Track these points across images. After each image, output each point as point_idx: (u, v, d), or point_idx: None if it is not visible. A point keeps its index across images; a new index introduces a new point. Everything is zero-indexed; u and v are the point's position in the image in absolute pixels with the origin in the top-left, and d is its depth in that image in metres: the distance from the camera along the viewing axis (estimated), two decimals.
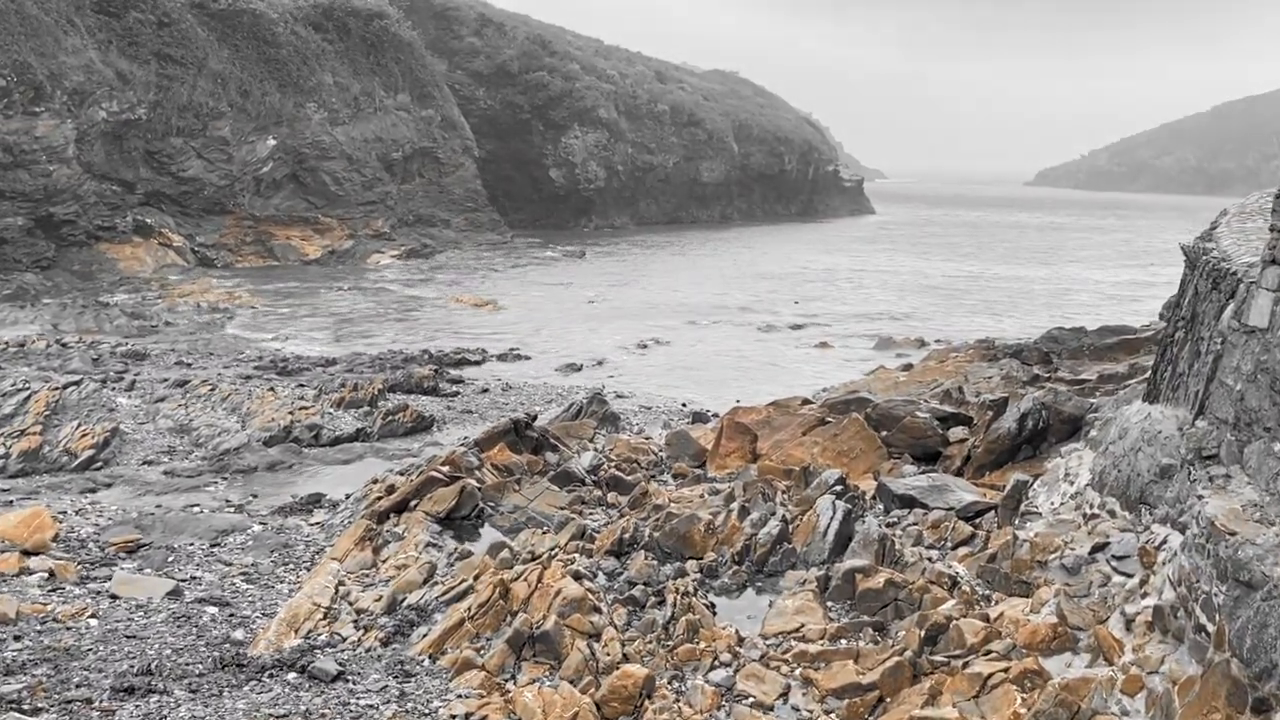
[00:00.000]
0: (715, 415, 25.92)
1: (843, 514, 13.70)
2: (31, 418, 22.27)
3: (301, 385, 30.37)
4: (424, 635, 10.88)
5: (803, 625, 11.08)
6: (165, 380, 29.32)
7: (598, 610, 11.14)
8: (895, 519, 15.00)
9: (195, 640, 11.15)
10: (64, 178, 59.31)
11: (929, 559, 13.24)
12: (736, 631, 11.20)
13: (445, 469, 16.61)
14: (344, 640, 10.99)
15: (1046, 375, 29.12)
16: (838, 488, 15.21)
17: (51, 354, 33.60)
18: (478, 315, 50.31)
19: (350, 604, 11.92)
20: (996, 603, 12.08)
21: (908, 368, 34.28)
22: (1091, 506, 12.51)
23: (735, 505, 14.43)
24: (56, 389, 25.57)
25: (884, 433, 20.05)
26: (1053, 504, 13.76)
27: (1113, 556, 10.96)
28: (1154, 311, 42.28)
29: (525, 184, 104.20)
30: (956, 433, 19.85)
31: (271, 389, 28.48)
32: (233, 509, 17.97)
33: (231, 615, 12.25)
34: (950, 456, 19.03)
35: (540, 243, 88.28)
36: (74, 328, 42.48)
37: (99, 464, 20.60)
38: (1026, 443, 18.51)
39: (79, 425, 22.37)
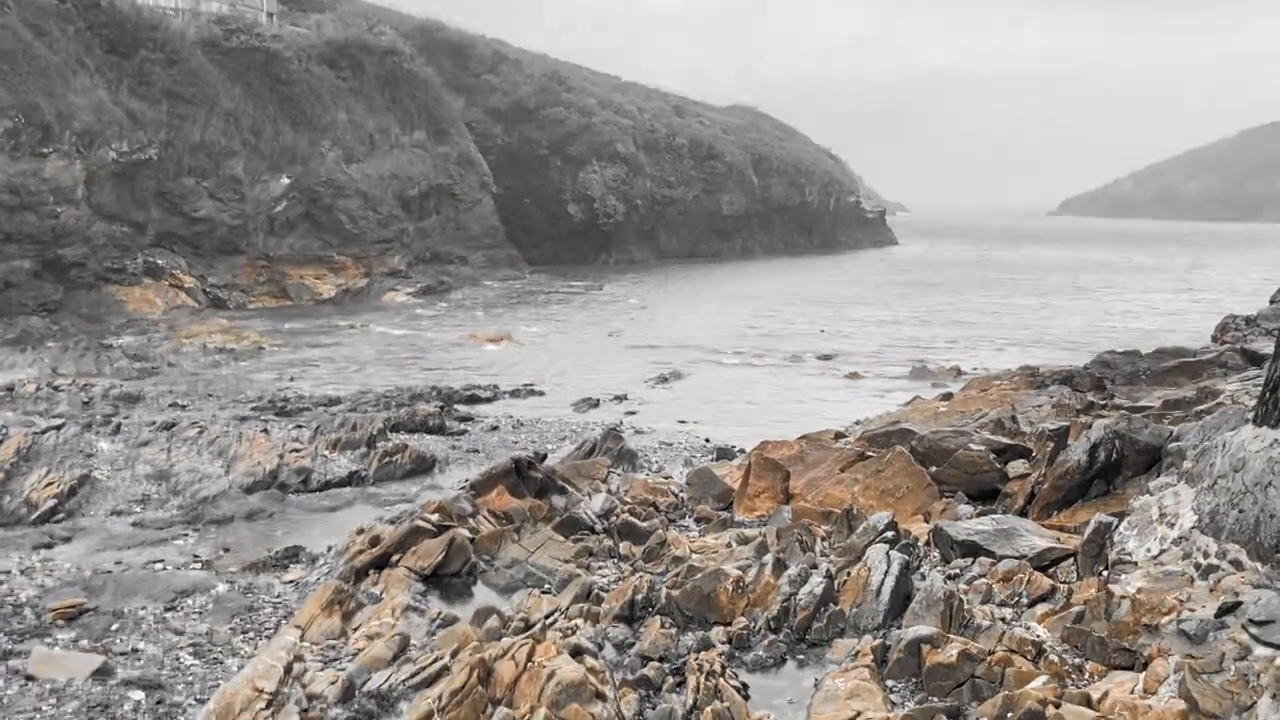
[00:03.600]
0: (742, 451, 23.74)
1: (899, 567, 11.48)
2: None
3: (300, 426, 28.48)
4: None
5: (859, 714, 8.88)
6: (153, 423, 27.47)
7: (601, 698, 8.99)
8: (957, 570, 12.78)
9: None
10: (72, 219, 58.07)
11: (1003, 620, 11.01)
12: None
13: (433, 518, 14.54)
14: None
15: (1102, 403, 26.77)
16: (889, 534, 12.99)
17: (40, 397, 31.84)
18: (492, 351, 48.40)
19: (303, 687, 9.83)
20: (1093, 677, 9.85)
21: (947, 397, 31.95)
22: (1206, 555, 10.27)
23: (769, 557, 12.23)
24: (32, 434, 23.76)
25: (933, 468, 17.84)
26: (1149, 551, 11.50)
27: (1250, 621, 8.72)
28: (1191, 334, 39.89)
29: (543, 219, 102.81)
30: (1016, 467, 17.60)
31: (265, 430, 26.56)
32: (199, 565, 15.94)
33: (160, 703, 10.17)
34: (1011, 494, 16.78)
35: (559, 278, 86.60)
36: (73, 370, 40.81)
37: (61, 515, 18.64)
38: (1098, 477, 16.25)
39: (48, 473, 20.46)
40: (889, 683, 9.64)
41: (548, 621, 11.17)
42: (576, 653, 9.76)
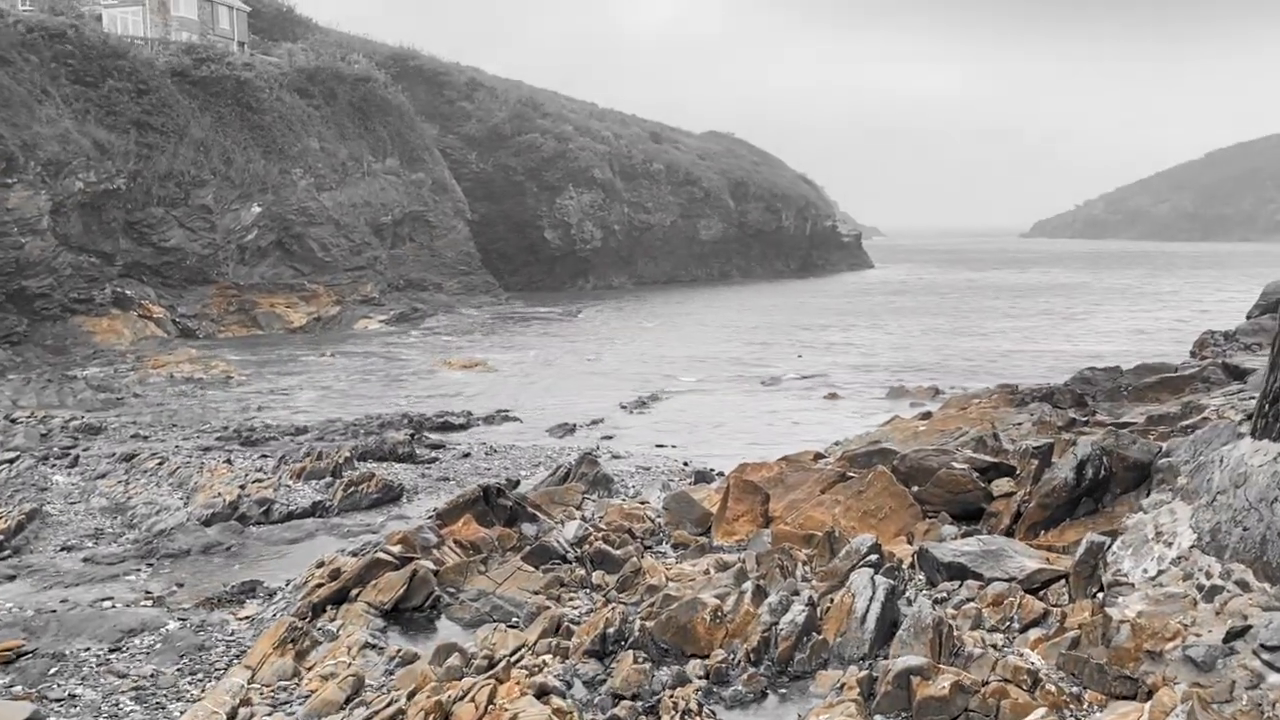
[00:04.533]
0: (721, 474, 23.12)
1: (884, 593, 10.86)
2: None
3: (265, 456, 27.67)
4: None
5: None
6: (113, 455, 26.61)
7: None
8: (944, 594, 12.17)
9: None
10: (37, 250, 57.04)
11: (994, 647, 10.41)
12: None
13: (396, 549, 13.83)
14: None
15: (1084, 419, 26.31)
16: (872, 557, 12.37)
17: None
18: (466, 377, 47.65)
19: None
20: (1093, 707, 9.25)
21: (926, 416, 31.42)
22: (1209, 576, 9.71)
23: (748, 584, 11.58)
24: None
25: (915, 488, 17.27)
26: (1146, 572, 10.94)
27: (1262, 646, 8.16)
28: (1165, 352, 39.58)
29: (520, 246, 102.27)
30: (1000, 485, 17.04)
31: (228, 461, 25.78)
32: (150, 602, 15.14)
33: None
34: (996, 514, 16.22)
35: (536, 304, 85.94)
36: (35, 403, 39.79)
37: (7, 552, 17.77)
38: (1087, 494, 15.72)
39: None
40: (877, 718, 9.00)
41: (513, 659, 10.48)
42: (542, 693, 9.08)
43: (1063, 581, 12.50)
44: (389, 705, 8.92)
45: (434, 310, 78.91)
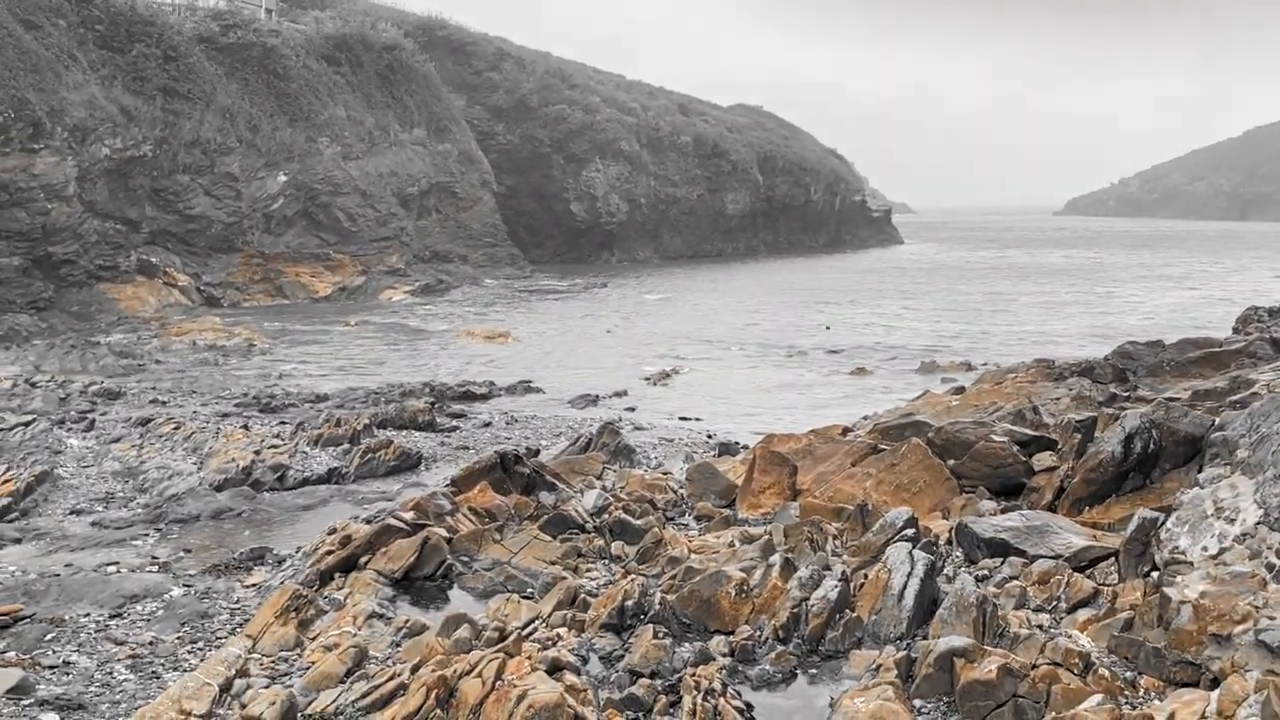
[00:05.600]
0: (745, 448, 22.43)
1: (924, 569, 10.16)
2: None
3: (283, 422, 27.23)
4: None
5: None
6: (129, 420, 26.25)
7: None
8: (985, 571, 11.46)
9: None
10: (63, 216, 56.91)
11: (1041, 628, 9.70)
12: None
13: (408, 515, 13.25)
14: None
15: (1125, 394, 25.45)
16: (908, 532, 11.67)
17: (15, 394, 30.60)
18: (489, 348, 47.12)
19: (241, 707, 8.54)
20: (1151, 693, 8.54)
21: (959, 391, 30.58)
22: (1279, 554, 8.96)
23: (776, 558, 10.90)
24: None
25: (951, 461, 16.51)
26: (1206, 550, 10.19)
27: None
28: (1205, 329, 38.20)
29: (546, 218, 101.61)
30: (1042, 459, 16.27)
31: (245, 427, 25.33)
32: (156, 567, 14.65)
33: None
34: (1038, 488, 15.45)
35: (561, 277, 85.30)
36: (57, 368, 39.62)
37: (14, 515, 17.35)
38: (1134, 469, 14.94)
39: (6, 470, 19.19)
40: (916, 703, 8.32)
41: (525, 631, 9.86)
42: (555, 668, 8.47)
43: (1111, 560, 11.77)
44: (391, 679, 8.34)
45: (459, 282, 78.46)
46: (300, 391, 34.01)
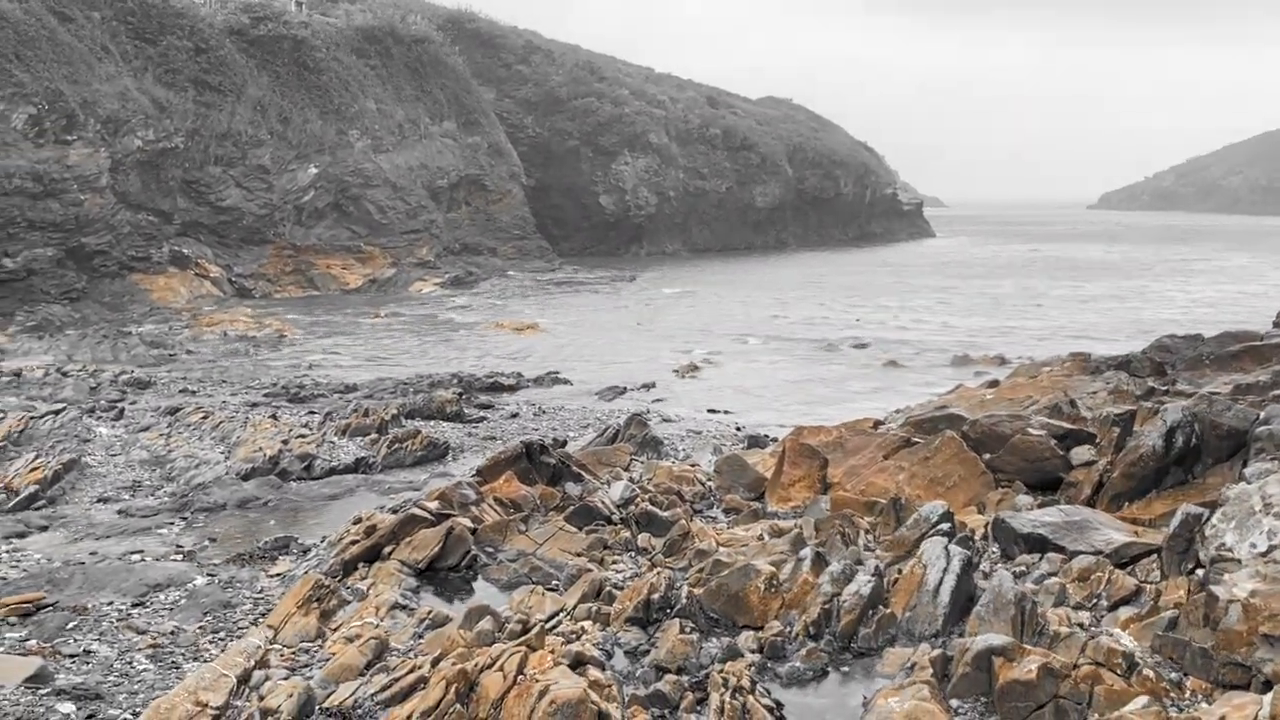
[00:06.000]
0: (774, 440, 22.13)
1: (960, 564, 9.85)
2: None
3: (312, 412, 27.21)
4: None
5: None
6: (158, 409, 26.30)
7: (605, 719, 7.46)
8: (1023, 567, 11.13)
9: None
10: (96, 207, 57.35)
11: (1081, 626, 9.38)
12: None
13: (432, 505, 13.08)
14: None
15: (1163, 388, 24.93)
16: (943, 526, 11.35)
17: (47, 383, 30.78)
18: (518, 339, 47.03)
19: (260, 699, 8.38)
20: (1197, 696, 8.21)
21: (993, 384, 30.13)
22: None
23: (806, 552, 10.62)
24: (26, 418, 22.63)
25: (986, 455, 16.15)
26: (1255, 547, 9.82)
27: None
28: (1242, 323, 37.34)
29: (575, 211, 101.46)
30: (1080, 453, 15.86)
31: (273, 416, 25.30)
32: (180, 556, 14.57)
33: (91, 717, 8.74)
34: (1076, 483, 15.06)
35: (590, 270, 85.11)
36: (89, 358, 39.91)
37: (42, 502, 17.36)
38: (1176, 464, 14.53)
39: (35, 458, 19.23)
40: (952, 703, 8.03)
41: (549, 625, 9.65)
42: (578, 663, 8.24)
43: (1153, 557, 11.41)
44: (411, 672, 8.14)
45: (488, 274, 78.46)
46: (329, 382, 34.04)
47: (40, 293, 52.72)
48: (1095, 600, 10.17)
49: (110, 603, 12.36)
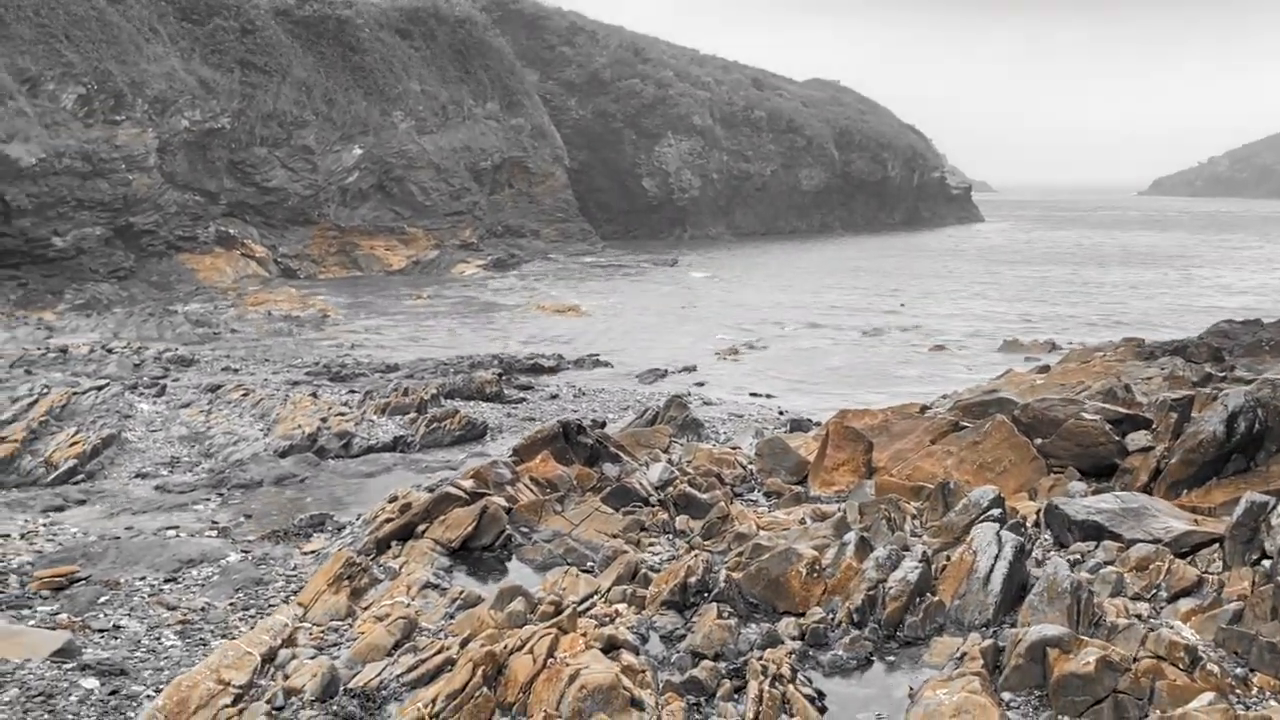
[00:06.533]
0: (818, 425, 21.69)
1: (1012, 551, 9.42)
2: (23, 424, 19.24)
3: (352, 391, 27.17)
4: None
5: None
6: (200, 386, 26.35)
7: (638, 706, 7.14)
8: (1077, 556, 10.67)
9: None
10: (144, 187, 57.87)
11: (1139, 618, 8.92)
12: None
13: (467, 484, 12.83)
14: None
15: (1221, 374, 24.18)
16: (994, 512, 10.90)
17: (92, 359, 30.99)
18: (559, 321, 46.82)
19: (285, 678, 8.16)
20: (1265, 693, 7.75)
21: (1044, 370, 29.44)
22: None
23: (850, 536, 10.24)
24: (69, 393, 22.70)
25: (1038, 440, 15.64)
26: None
27: None
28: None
29: (617, 194, 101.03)
30: (1136, 439, 15.30)
31: (313, 394, 25.25)
32: (215, 532, 14.46)
33: (114, 693, 8.59)
34: (1132, 470, 14.52)
35: (632, 253, 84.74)
36: (135, 335, 40.26)
37: (81, 477, 17.37)
38: (1237, 451, 13.96)
39: (76, 433, 19.26)
40: (1005, 696, 7.63)
41: (582, 607, 9.36)
42: (611, 647, 7.94)
43: (1215, 546, 10.90)
44: (439, 653, 7.88)
45: (530, 257, 78.34)
46: (371, 361, 34.02)
47: (89, 271, 53.31)
48: (1154, 591, 9.70)
49: (143, 578, 12.26)
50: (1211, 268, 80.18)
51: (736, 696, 7.67)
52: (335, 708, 7.43)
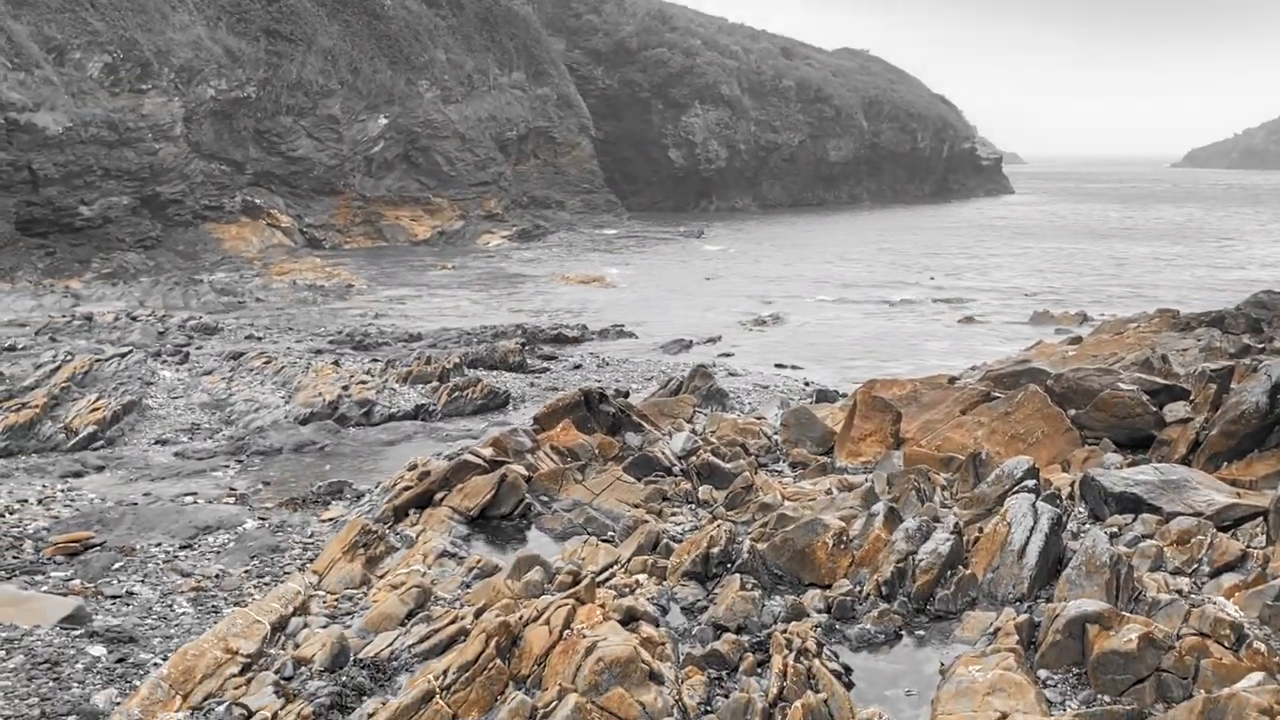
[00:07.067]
0: (844, 396, 21.31)
1: (1049, 523, 9.06)
2: (45, 391, 19.18)
3: (375, 360, 27.02)
4: (370, 717, 6.74)
5: (1004, 717, 6.59)
6: (222, 353, 26.28)
7: (657, 680, 6.87)
8: (1115, 529, 10.30)
9: (25, 710, 7.34)
10: (170, 156, 57.88)
11: (1180, 593, 8.56)
12: None
13: (486, 452, 12.59)
14: (248, 719, 6.96)
15: (1259, 346, 23.65)
16: (1029, 483, 10.54)
17: (117, 327, 31.01)
18: (584, 292, 46.51)
19: (296, 647, 7.95)
20: None
21: (1075, 341, 28.92)
22: None
23: (879, 507, 9.91)
24: (91, 359, 22.64)
25: (1072, 411, 15.23)
26: None
27: None
28: None
29: (643, 165, 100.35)
30: (1174, 410, 14.86)
31: (335, 363, 25.11)
32: (233, 499, 14.31)
33: (122, 661, 8.42)
34: (1169, 441, 14.10)
35: (658, 224, 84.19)
36: (160, 304, 40.31)
37: (100, 443, 17.28)
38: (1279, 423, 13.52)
39: (97, 399, 19.17)
40: (1041, 673, 7.31)
41: (602, 577, 9.10)
42: (630, 618, 7.66)
43: (1258, 520, 10.50)
44: (452, 623, 7.65)
45: (556, 228, 77.98)
46: (394, 331, 33.88)
47: (116, 241, 53.39)
48: (1195, 565, 9.33)
49: (158, 544, 12.12)
50: (1245, 241, 78.78)
51: (760, 671, 7.39)
52: (344, 678, 7.20)
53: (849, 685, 7.35)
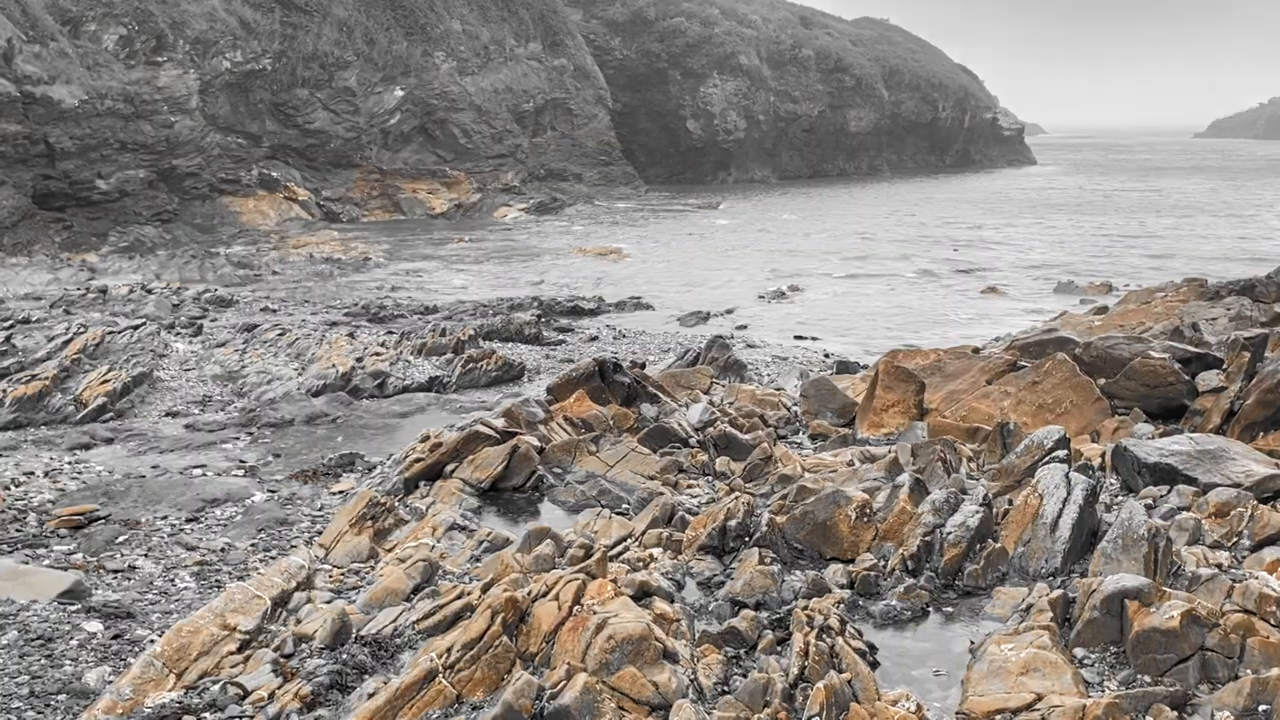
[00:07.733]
0: (865, 368, 20.88)
1: (1083, 494, 8.66)
2: (55, 363, 18.98)
3: (390, 332, 26.75)
4: (369, 697, 6.44)
5: (1040, 699, 6.24)
6: (236, 325, 26.06)
7: (671, 658, 6.54)
8: (1150, 500, 9.89)
9: (13, 688, 7.08)
10: (186, 129, 57.67)
11: (1220, 568, 8.16)
12: (919, 706, 6.40)
13: (498, 423, 12.27)
14: (244, 699, 6.68)
15: None
16: (1060, 453, 10.12)
17: (131, 300, 30.83)
18: (601, 264, 46.09)
19: (298, 623, 7.66)
20: None
21: (1101, 311, 28.37)
22: None
23: (904, 478, 9.52)
24: (104, 332, 22.44)
25: (1101, 380, 14.78)
26: None
27: None
28: None
29: (661, 136, 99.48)
30: (1207, 379, 14.38)
31: (350, 335, 24.85)
32: (241, 472, 14.06)
33: (118, 637, 8.15)
34: (1202, 411, 13.64)
35: (676, 196, 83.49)
36: (176, 277, 40.16)
37: (110, 415, 17.07)
38: None
39: (108, 371, 18.96)
40: (1077, 652, 6.94)
41: (615, 551, 8.78)
42: (643, 594, 7.34)
43: None
44: (458, 599, 7.34)
45: (573, 200, 77.44)
46: (411, 303, 33.61)
47: (132, 214, 53.27)
48: (1236, 539, 8.92)
49: (164, 517, 11.87)
50: (1270, 210, 77.47)
51: (780, 649, 7.05)
52: (345, 656, 6.91)
53: (874, 665, 7.01)
